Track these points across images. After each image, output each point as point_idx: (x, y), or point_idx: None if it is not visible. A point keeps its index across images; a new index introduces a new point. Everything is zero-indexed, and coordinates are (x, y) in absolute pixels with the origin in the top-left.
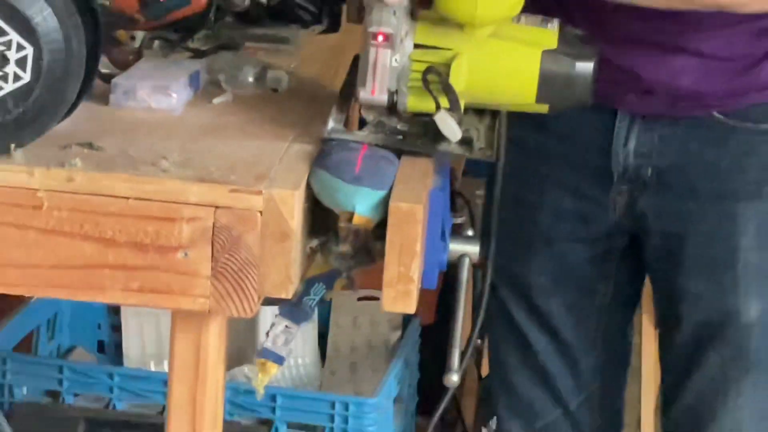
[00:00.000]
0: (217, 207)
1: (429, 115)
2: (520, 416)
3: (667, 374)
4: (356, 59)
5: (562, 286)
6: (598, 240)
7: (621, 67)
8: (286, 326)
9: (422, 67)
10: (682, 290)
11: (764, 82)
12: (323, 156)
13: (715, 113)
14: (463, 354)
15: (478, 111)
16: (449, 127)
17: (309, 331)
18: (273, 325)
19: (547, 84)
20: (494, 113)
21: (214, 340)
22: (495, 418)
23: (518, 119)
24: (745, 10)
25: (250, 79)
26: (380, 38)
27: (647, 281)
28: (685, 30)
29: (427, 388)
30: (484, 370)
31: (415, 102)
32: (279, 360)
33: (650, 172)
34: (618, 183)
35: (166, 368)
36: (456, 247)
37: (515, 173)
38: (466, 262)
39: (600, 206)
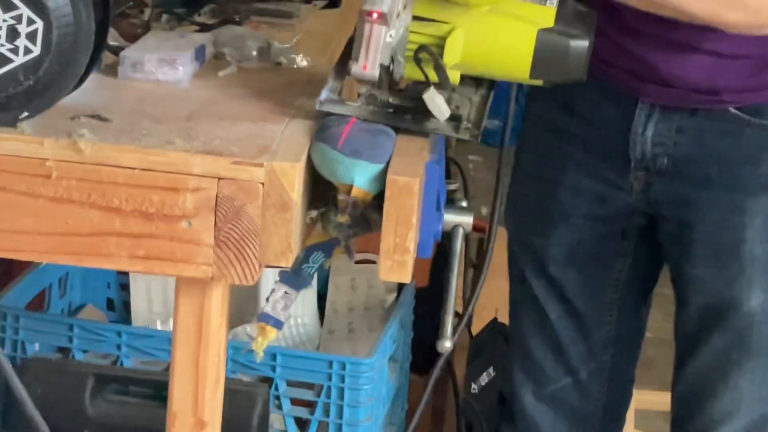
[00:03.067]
0: (220, 178)
1: (420, 92)
2: (532, 379)
3: (677, 349)
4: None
5: (578, 259)
6: (615, 218)
7: (639, 59)
8: (286, 292)
9: (419, 38)
10: (690, 275)
11: None
12: (323, 129)
13: (731, 108)
14: (459, 321)
15: (476, 80)
16: (437, 106)
17: (309, 292)
18: (273, 290)
19: (541, 61)
20: (491, 83)
21: (217, 305)
22: (485, 374)
23: (545, 99)
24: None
25: (255, 53)
26: (375, 15)
27: None
28: (699, 30)
29: (420, 347)
30: (475, 329)
31: (411, 70)
32: (278, 324)
33: (666, 160)
34: (635, 169)
35: (171, 327)
36: (450, 217)
37: (539, 150)
38: (460, 232)
39: (617, 189)
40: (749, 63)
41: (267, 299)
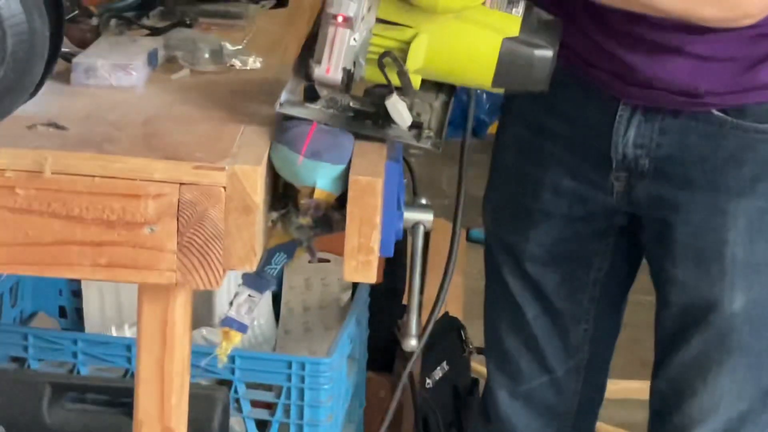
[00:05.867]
0: (181, 183)
1: (382, 97)
2: (507, 378)
3: (657, 346)
4: (312, 33)
5: (557, 258)
6: (596, 218)
7: (621, 60)
8: (249, 295)
9: (382, 41)
10: (671, 276)
11: (763, 82)
12: (283, 131)
13: (714, 111)
14: (428, 320)
15: (437, 84)
16: (399, 113)
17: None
18: (236, 294)
19: (504, 70)
20: (452, 88)
21: (181, 311)
22: (438, 368)
23: (526, 97)
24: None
25: (207, 56)
26: (340, 19)
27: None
28: (682, 32)
29: (375, 344)
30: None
31: (372, 73)
32: (242, 328)
33: (648, 162)
34: (617, 170)
35: (126, 333)
36: (410, 215)
37: (521, 148)
38: (421, 229)
39: (598, 189)
40: (732, 65)
41: (230, 303)
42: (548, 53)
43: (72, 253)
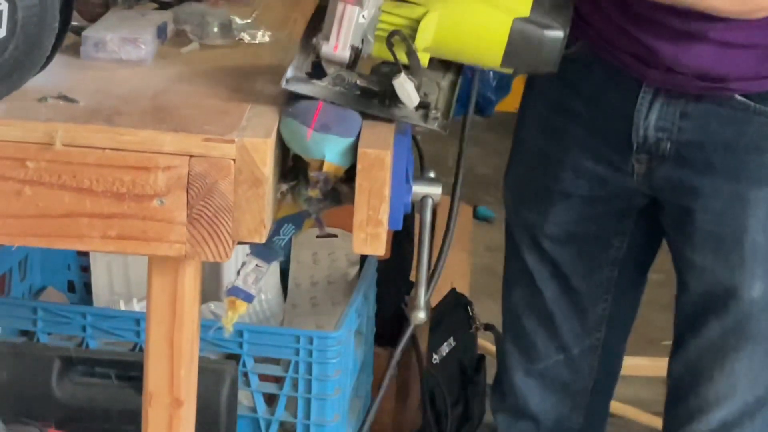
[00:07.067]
0: (191, 156)
1: (389, 76)
2: (523, 354)
3: (676, 329)
4: (319, 8)
5: (576, 237)
6: (616, 199)
7: (644, 44)
8: (257, 265)
9: (391, 19)
10: (690, 261)
11: None
12: (293, 104)
13: (738, 96)
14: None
15: (444, 63)
16: (407, 93)
17: (272, 267)
18: (244, 263)
19: (514, 50)
20: (459, 67)
21: (190, 283)
22: (445, 344)
23: (551, 78)
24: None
25: (216, 30)
26: None
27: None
28: (704, 18)
29: (383, 319)
30: (434, 300)
31: (379, 50)
32: (248, 298)
33: (669, 146)
34: (637, 152)
35: (134, 307)
36: (419, 189)
37: (543, 127)
38: (429, 202)
39: (619, 171)
40: (755, 51)
41: (237, 272)
42: (559, 34)
43: (82, 225)
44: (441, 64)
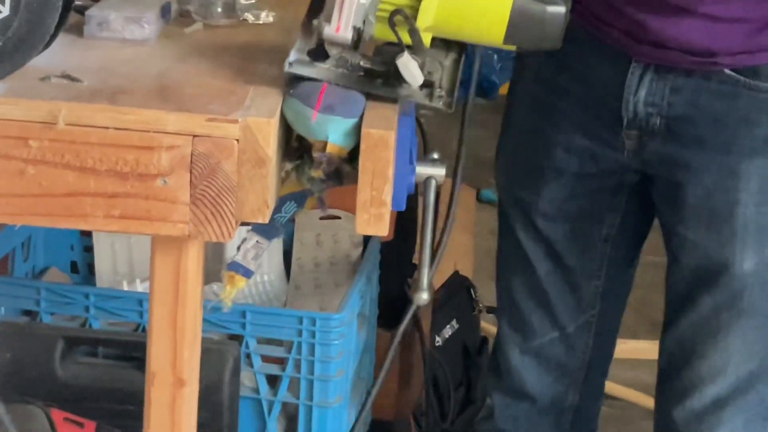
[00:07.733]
0: (194, 135)
1: (392, 56)
2: (518, 333)
3: (667, 306)
4: None
5: (569, 214)
6: (607, 175)
7: (633, 19)
8: (257, 241)
9: None
10: (682, 236)
11: None
12: (295, 84)
13: (727, 70)
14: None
15: (446, 42)
16: (411, 72)
17: (275, 248)
18: (244, 239)
19: (516, 27)
20: (462, 46)
21: (193, 263)
22: (448, 327)
23: (541, 54)
24: None
25: (220, 10)
26: None
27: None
28: None
29: (386, 301)
30: (437, 283)
31: (381, 31)
32: (247, 273)
33: (659, 121)
34: (628, 128)
35: (137, 287)
36: (422, 169)
37: (533, 105)
38: (433, 184)
39: (610, 147)
40: (744, 26)
41: (238, 248)
42: (561, 9)
43: (85, 205)
44: (442, 43)
